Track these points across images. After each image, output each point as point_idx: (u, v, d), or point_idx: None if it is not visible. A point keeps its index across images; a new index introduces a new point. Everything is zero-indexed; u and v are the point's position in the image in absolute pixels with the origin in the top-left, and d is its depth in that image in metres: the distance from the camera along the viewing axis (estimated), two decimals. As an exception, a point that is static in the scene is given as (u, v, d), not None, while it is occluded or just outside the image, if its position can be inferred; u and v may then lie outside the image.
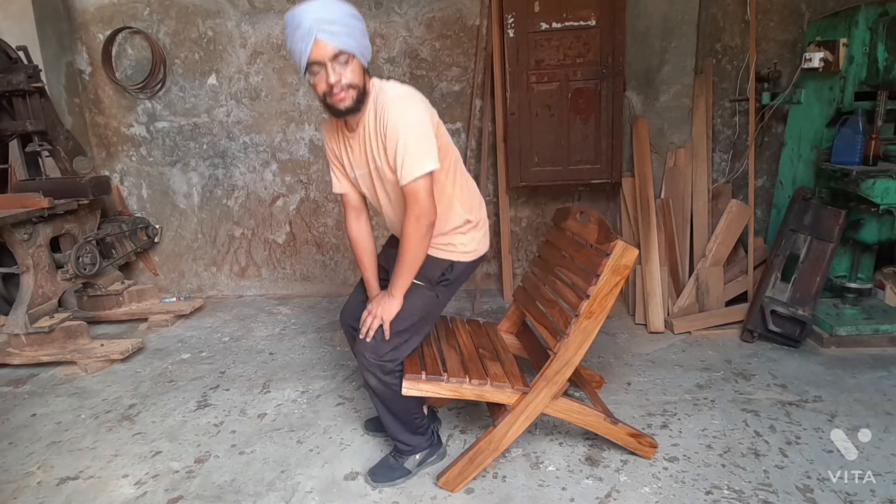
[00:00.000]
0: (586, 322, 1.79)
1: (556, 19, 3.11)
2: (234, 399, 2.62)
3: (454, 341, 2.13)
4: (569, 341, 1.80)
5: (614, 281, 1.76)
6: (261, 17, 3.67)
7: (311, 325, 3.45)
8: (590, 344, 1.82)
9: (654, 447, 2.02)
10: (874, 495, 1.81)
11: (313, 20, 1.55)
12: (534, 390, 1.86)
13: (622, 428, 1.98)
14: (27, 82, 3.17)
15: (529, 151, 3.30)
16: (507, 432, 1.89)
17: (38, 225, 3.05)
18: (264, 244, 4.05)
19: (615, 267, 1.74)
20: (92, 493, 2.02)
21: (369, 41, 1.71)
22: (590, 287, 1.77)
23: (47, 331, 3.02)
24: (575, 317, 1.80)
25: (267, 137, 3.86)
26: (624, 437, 1.99)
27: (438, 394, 1.83)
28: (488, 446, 1.89)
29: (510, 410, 1.88)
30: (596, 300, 1.77)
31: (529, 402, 1.86)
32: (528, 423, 1.89)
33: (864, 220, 2.74)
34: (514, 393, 1.86)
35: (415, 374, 1.81)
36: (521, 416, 1.88)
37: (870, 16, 2.67)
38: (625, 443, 2.00)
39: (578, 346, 1.81)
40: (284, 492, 1.97)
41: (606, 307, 1.78)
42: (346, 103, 1.66)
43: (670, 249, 3.28)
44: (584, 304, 1.77)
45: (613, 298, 1.78)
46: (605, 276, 1.75)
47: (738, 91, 3.44)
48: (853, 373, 2.56)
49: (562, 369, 1.84)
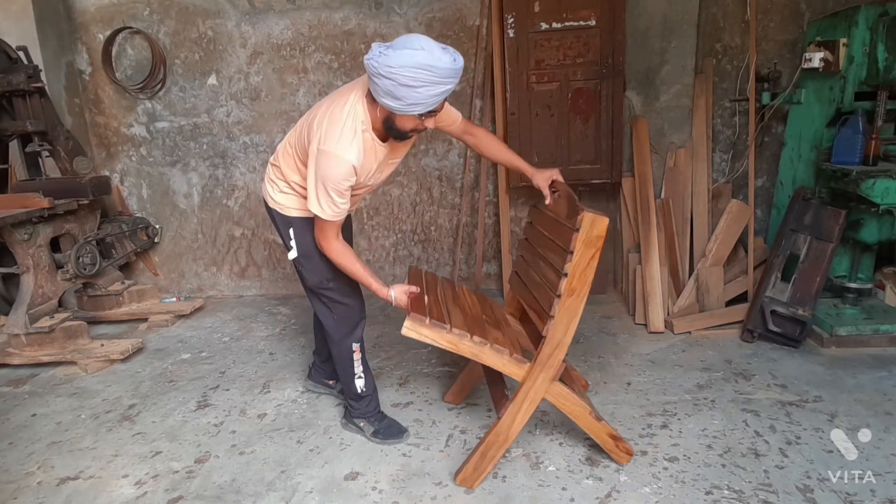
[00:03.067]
0: (569, 300, 1.75)
1: (556, 19, 3.11)
2: (234, 399, 2.62)
3: (461, 303, 2.12)
4: (555, 322, 1.78)
5: (589, 254, 1.72)
6: (261, 18, 3.67)
7: (311, 325, 3.43)
8: (577, 321, 1.78)
9: (630, 454, 2.00)
10: (874, 495, 1.80)
11: (453, 86, 1.69)
12: (531, 377, 1.84)
13: (604, 427, 1.96)
14: (27, 82, 3.17)
15: (529, 151, 3.30)
16: (513, 421, 1.88)
17: (38, 225, 3.05)
18: (264, 244, 4.05)
19: (587, 240, 1.71)
20: (92, 493, 2.02)
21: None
22: (566, 264, 1.74)
23: (47, 331, 3.02)
24: (557, 296, 1.77)
25: (267, 137, 3.86)
26: (604, 436, 1.96)
27: (437, 342, 1.81)
28: (497, 438, 1.89)
29: (511, 399, 1.87)
30: (575, 276, 1.73)
31: (529, 388, 1.85)
32: (532, 409, 1.88)
33: (864, 220, 2.74)
34: (511, 361, 1.84)
35: (419, 317, 1.79)
36: (524, 403, 1.87)
37: (870, 16, 2.67)
38: (602, 442, 1.98)
39: (566, 325, 1.79)
40: (284, 492, 1.97)
41: (587, 281, 1.75)
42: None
43: (670, 249, 3.28)
44: (564, 282, 1.74)
45: (592, 272, 1.74)
46: (579, 250, 1.71)
47: (738, 91, 3.44)
48: (853, 373, 2.56)
49: (554, 351, 1.81)
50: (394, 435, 2.23)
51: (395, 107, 1.70)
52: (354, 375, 2.20)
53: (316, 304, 2.19)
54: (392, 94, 1.66)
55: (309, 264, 2.08)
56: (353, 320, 2.17)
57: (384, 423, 2.27)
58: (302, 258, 2.07)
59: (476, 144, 2.19)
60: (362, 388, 2.22)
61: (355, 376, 2.20)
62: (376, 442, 2.23)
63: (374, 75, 1.65)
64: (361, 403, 2.25)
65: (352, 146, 1.77)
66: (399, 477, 2.02)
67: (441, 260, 3.97)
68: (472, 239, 3.85)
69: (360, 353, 2.19)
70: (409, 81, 1.61)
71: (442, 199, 3.87)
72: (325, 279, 2.08)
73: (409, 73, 1.60)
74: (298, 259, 2.08)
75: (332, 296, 2.12)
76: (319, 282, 2.09)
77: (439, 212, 3.89)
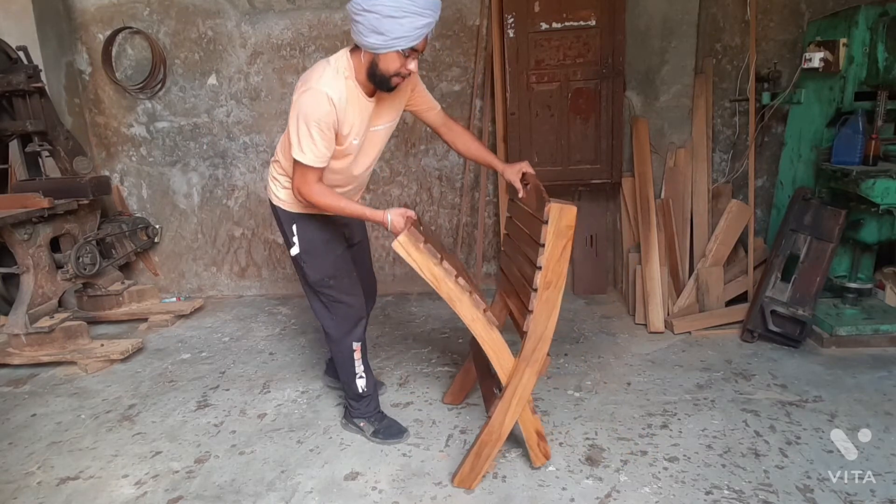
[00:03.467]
0: (546, 293, 1.75)
1: (556, 19, 3.11)
2: (234, 399, 2.62)
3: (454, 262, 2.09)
4: (535, 316, 1.77)
5: (561, 244, 1.71)
6: (261, 18, 3.67)
7: (310, 325, 3.44)
8: (557, 313, 1.77)
9: (548, 458, 1.99)
10: (874, 495, 1.81)
11: (434, 19, 1.72)
12: (517, 373, 1.83)
13: (535, 421, 1.93)
14: (27, 82, 3.17)
15: (529, 151, 3.30)
16: (504, 419, 1.87)
17: (38, 225, 3.05)
18: (264, 244, 4.05)
19: (557, 231, 1.70)
20: (92, 493, 2.02)
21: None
22: (539, 257, 1.73)
23: (47, 331, 3.02)
24: (533, 291, 1.76)
25: (267, 137, 3.86)
26: (531, 430, 1.94)
27: (422, 270, 1.79)
28: (490, 437, 1.89)
29: (500, 397, 1.87)
30: (549, 269, 1.72)
31: (516, 385, 1.84)
32: (521, 405, 1.87)
33: (864, 220, 2.74)
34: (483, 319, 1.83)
35: (415, 236, 1.77)
36: (513, 399, 1.86)
37: (870, 16, 2.67)
38: (528, 435, 1.95)
39: (546, 318, 1.78)
40: (284, 492, 1.97)
41: (562, 273, 1.74)
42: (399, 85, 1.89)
43: (670, 249, 3.28)
44: (539, 276, 1.74)
45: (566, 263, 1.74)
46: (550, 241, 1.71)
47: (738, 91, 3.44)
48: (853, 373, 2.56)
49: (537, 346, 1.80)
50: (394, 435, 2.23)
51: (378, 44, 1.71)
52: (356, 375, 2.20)
53: (314, 304, 2.19)
54: (375, 29, 1.68)
55: (311, 261, 2.08)
56: (353, 318, 2.16)
57: (384, 422, 2.27)
58: (304, 255, 2.07)
59: (453, 139, 2.23)
60: (363, 387, 2.22)
61: (356, 376, 2.20)
62: (376, 442, 2.23)
63: (358, 13, 1.70)
64: (362, 403, 2.25)
65: (334, 83, 1.80)
66: (399, 477, 2.02)
67: (441, 260, 3.96)
68: (472, 239, 3.85)
69: (360, 352, 2.19)
70: (392, 12, 1.65)
71: (442, 199, 3.87)
72: (326, 276, 2.09)
73: (390, 2, 1.65)
74: (300, 256, 2.08)
75: (333, 294, 2.12)
76: (321, 279, 2.09)
77: (439, 212, 3.89)
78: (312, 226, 2.05)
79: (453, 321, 3.41)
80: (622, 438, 2.17)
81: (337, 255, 2.11)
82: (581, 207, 3.64)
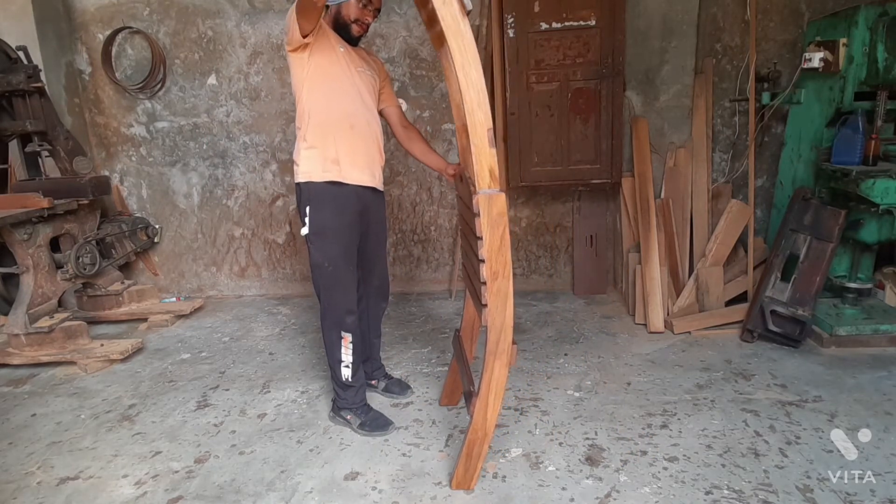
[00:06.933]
0: (495, 284, 1.73)
1: (556, 19, 3.11)
2: (234, 399, 2.62)
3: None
4: (490, 309, 1.76)
5: (497, 234, 1.70)
6: (261, 17, 3.67)
7: (311, 325, 3.44)
8: (511, 302, 1.75)
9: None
10: (874, 495, 1.80)
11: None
12: (487, 369, 1.81)
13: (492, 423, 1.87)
14: (27, 82, 3.17)
15: (529, 151, 3.30)
16: (486, 415, 1.85)
17: (38, 225, 3.05)
18: (264, 244, 4.05)
19: (490, 221, 1.69)
20: (92, 493, 2.02)
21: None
22: (480, 250, 1.72)
23: (47, 331, 3.02)
24: (482, 284, 1.75)
25: (267, 137, 3.86)
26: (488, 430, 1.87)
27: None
28: (476, 435, 1.87)
29: (477, 395, 1.85)
30: (492, 259, 1.72)
31: (489, 380, 1.82)
32: (500, 399, 1.84)
33: (864, 220, 2.74)
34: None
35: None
36: (490, 395, 1.84)
37: (870, 16, 2.67)
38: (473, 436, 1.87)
39: (502, 309, 1.76)
40: (284, 492, 1.97)
41: (506, 261, 1.73)
42: (361, 36, 2.22)
43: (670, 249, 3.28)
44: (483, 268, 1.73)
45: (507, 250, 1.72)
46: (486, 233, 1.70)
47: (738, 91, 3.44)
48: (853, 373, 2.56)
49: (499, 337, 1.79)
50: (380, 427, 2.28)
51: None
52: (341, 363, 2.26)
53: (316, 282, 2.26)
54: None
55: (318, 242, 2.19)
56: (344, 307, 2.23)
57: (370, 415, 2.32)
58: (312, 236, 2.20)
59: (408, 139, 2.40)
60: (348, 377, 2.27)
61: (342, 363, 2.26)
62: (363, 434, 2.26)
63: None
64: (349, 393, 2.30)
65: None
66: (399, 477, 2.02)
67: (441, 260, 3.97)
68: (471, 239, 3.85)
69: (349, 341, 2.24)
70: None
71: (442, 198, 3.87)
72: (327, 261, 2.19)
73: None
74: (309, 236, 2.21)
75: (328, 280, 2.21)
76: (322, 262, 2.20)
77: (439, 212, 3.89)
78: (325, 212, 2.16)
79: (453, 321, 3.41)
80: (622, 438, 2.17)
81: (342, 246, 2.20)
82: (581, 207, 3.69)
